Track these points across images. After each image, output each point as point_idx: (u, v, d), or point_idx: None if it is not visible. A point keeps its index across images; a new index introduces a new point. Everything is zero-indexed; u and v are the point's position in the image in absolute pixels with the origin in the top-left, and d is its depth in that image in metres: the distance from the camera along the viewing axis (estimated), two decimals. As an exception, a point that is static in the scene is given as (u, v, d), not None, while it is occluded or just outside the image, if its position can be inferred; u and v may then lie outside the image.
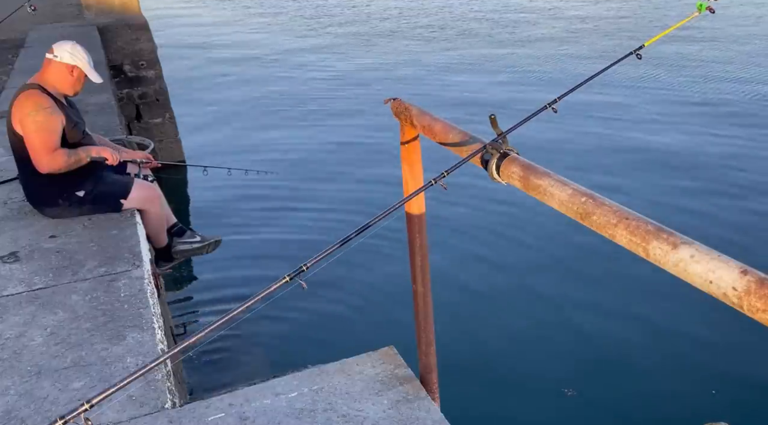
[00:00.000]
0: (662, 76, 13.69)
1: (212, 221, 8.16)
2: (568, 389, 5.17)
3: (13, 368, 2.61)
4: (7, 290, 3.18)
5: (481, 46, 17.59)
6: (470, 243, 7.44)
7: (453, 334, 5.55)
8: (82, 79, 3.83)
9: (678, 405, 4.96)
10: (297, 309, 6.16)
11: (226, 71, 16.05)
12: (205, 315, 6.31)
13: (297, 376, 2.45)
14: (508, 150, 1.81)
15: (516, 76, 14.37)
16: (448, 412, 2.29)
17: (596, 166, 9.28)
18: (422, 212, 2.42)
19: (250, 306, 1.62)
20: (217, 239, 4.57)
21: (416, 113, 2.22)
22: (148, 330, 2.81)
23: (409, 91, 13.08)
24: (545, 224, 7.49)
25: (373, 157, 9.94)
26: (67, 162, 3.67)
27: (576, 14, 21.39)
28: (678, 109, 11.68)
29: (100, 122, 5.64)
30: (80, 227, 3.79)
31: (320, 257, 1.69)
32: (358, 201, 8.48)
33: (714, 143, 10.01)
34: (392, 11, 23.83)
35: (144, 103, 9.90)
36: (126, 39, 9.71)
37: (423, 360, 2.60)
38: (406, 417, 2.23)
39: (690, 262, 1.23)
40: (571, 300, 6.33)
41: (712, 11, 2.39)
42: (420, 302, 2.58)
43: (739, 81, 13.20)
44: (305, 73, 15.59)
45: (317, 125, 11.76)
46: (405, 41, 18.67)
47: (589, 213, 1.48)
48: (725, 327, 5.57)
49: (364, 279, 6.73)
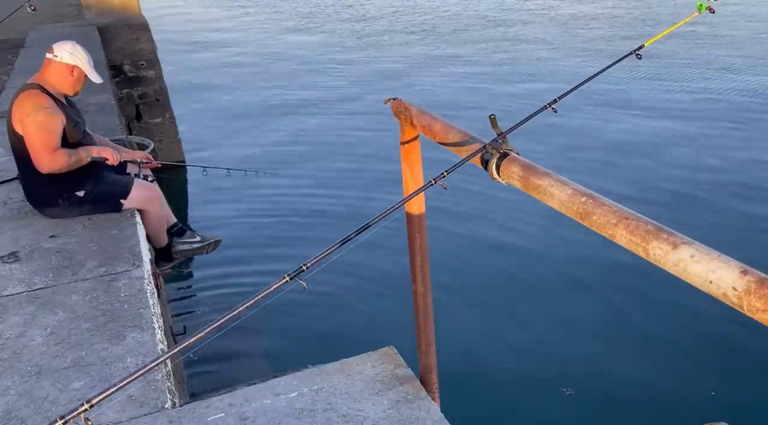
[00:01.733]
0: (662, 75, 13.69)
1: (212, 221, 8.17)
2: (567, 389, 5.17)
3: (13, 368, 2.61)
4: (7, 290, 3.18)
5: (482, 46, 17.59)
6: (470, 243, 7.44)
7: (453, 334, 5.55)
8: (82, 79, 3.83)
9: (678, 405, 4.96)
10: (297, 309, 6.16)
11: (226, 71, 16.05)
12: (205, 315, 6.30)
13: (297, 376, 2.44)
14: (508, 150, 1.81)
15: (516, 76, 14.36)
16: (448, 412, 2.29)
17: (596, 166, 9.28)
18: (422, 212, 2.42)
19: (250, 306, 1.62)
20: (217, 239, 4.57)
21: (416, 113, 2.22)
22: (148, 330, 2.81)
23: (409, 91, 13.08)
24: (545, 224, 7.49)
25: (373, 157, 9.94)
26: (68, 162, 3.67)
27: (576, 14, 21.39)
28: (678, 109, 11.68)
29: (100, 122, 5.64)
30: (80, 227, 3.79)
31: (320, 257, 1.69)
32: (358, 201, 8.48)
33: (714, 143, 10.02)
34: (392, 11, 23.83)
35: (144, 103, 9.90)
36: (126, 39, 9.71)
37: (423, 360, 2.60)
38: (406, 417, 2.22)
39: (690, 262, 1.23)
40: (571, 300, 6.33)
41: (712, 11, 2.39)
42: (420, 302, 2.58)
43: (740, 81, 13.21)
44: (305, 72, 15.60)
45: (317, 125, 11.76)
46: (405, 41, 18.68)
47: (589, 213, 1.48)
48: (725, 327, 5.58)
49: (364, 279, 6.73)
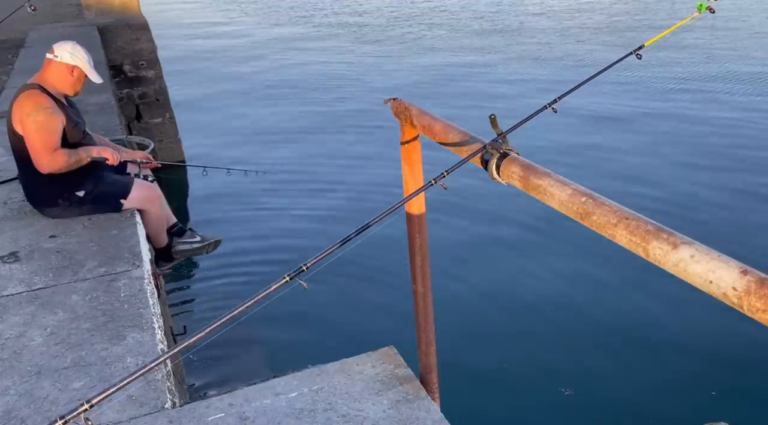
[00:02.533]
0: (662, 75, 13.69)
1: (212, 221, 8.16)
2: (567, 389, 5.17)
3: (13, 368, 2.61)
4: (7, 290, 3.18)
5: (482, 46, 17.59)
6: (470, 243, 7.44)
7: (453, 334, 5.54)
8: (82, 80, 3.83)
9: (678, 405, 4.96)
10: (297, 309, 6.15)
11: (226, 71, 16.05)
12: (205, 315, 6.30)
13: (297, 376, 2.44)
14: (508, 150, 1.81)
15: (516, 76, 14.36)
16: (448, 412, 2.29)
17: (596, 166, 9.28)
18: (422, 212, 2.42)
19: (250, 306, 1.62)
20: (217, 239, 4.57)
21: (416, 113, 2.22)
22: (148, 330, 2.81)
23: (408, 91, 13.08)
24: (545, 224, 7.49)
25: (373, 157, 9.94)
26: (68, 162, 3.67)
27: (575, 14, 21.38)
28: (678, 108, 11.68)
29: (100, 122, 5.64)
30: (80, 227, 3.79)
31: (320, 257, 1.69)
32: (358, 201, 8.48)
33: (714, 143, 10.01)
34: (391, 12, 23.82)
35: (144, 104, 9.90)
36: (126, 39, 9.71)
37: (423, 360, 2.59)
38: (406, 417, 2.22)
39: (690, 262, 1.23)
40: (571, 300, 6.33)
41: (712, 11, 2.39)
42: (420, 302, 2.58)
43: (740, 81, 13.20)
44: (305, 72, 15.60)
45: (317, 124, 11.76)
46: (404, 41, 18.68)
47: (589, 213, 1.48)
48: (725, 327, 5.58)
49: (365, 279, 6.73)
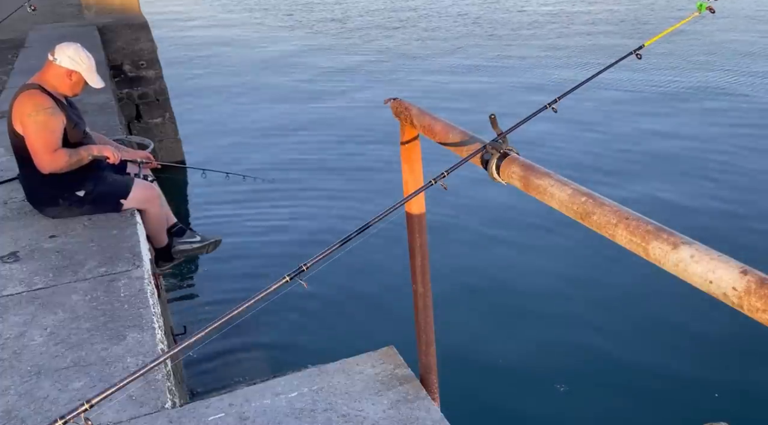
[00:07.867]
0: (662, 75, 13.69)
1: (212, 220, 8.16)
2: (566, 389, 5.17)
3: (13, 368, 2.61)
4: (7, 290, 3.18)
5: (482, 46, 17.59)
6: (470, 243, 7.43)
7: (453, 334, 5.54)
8: (81, 83, 3.82)
9: (678, 405, 4.96)
10: (297, 309, 6.16)
11: (226, 71, 16.05)
12: (205, 315, 6.29)
13: (297, 376, 2.44)
14: (508, 150, 1.81)
15: (516, 76, 14.36)
16: (448, 412, 2.29)
17: (596, 166, 9.28)
18: (422, 212, 2.42)
19: (250, 306, 1.62)
20: (217, 239, 4.57)
21: (416, 113, 2.22)
22: (148, 330, 2.81)
23: (408, 91, 13.08)
24: (545, 224, 7.49)
25: (373, 157, 9.94)
26: (69, 162, 3.67)
27: (575, 14, 21.38)
28: (678, 108, 11.68)
29: (100, 122, 5.64)
30: (80, 227, 3.79)
31: (320, 257, 1.69)
32: (358, 201, 8.48)
33: (714, 143, 10.01)
34: (391, 11, 23.82)
35: (144, 103, 9.90)
36: (126, 39, 9.71)
37: (423, 360, 2.59)
38: (406, 417, 2.22)
39: (690, 262, 1.23)
40: (570, 300, 6.33)
41: (712, 11, 2.39)
42: (420, 302, 2.58)
43: (740, 81, 13.20)
44: (305, 73, 15.59)
45: (317, 124, 11.76)
46: (404, 41, 18.67)
47: (589, 213, 1.48)
48: (725, 327, 5.57)
49: (364, 279, 6.73)
